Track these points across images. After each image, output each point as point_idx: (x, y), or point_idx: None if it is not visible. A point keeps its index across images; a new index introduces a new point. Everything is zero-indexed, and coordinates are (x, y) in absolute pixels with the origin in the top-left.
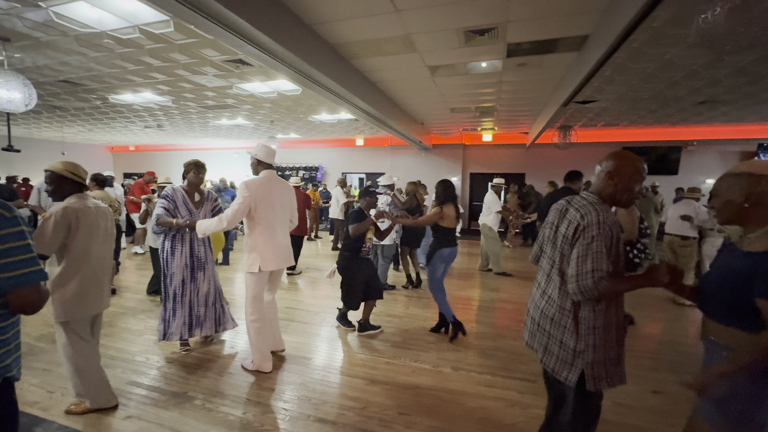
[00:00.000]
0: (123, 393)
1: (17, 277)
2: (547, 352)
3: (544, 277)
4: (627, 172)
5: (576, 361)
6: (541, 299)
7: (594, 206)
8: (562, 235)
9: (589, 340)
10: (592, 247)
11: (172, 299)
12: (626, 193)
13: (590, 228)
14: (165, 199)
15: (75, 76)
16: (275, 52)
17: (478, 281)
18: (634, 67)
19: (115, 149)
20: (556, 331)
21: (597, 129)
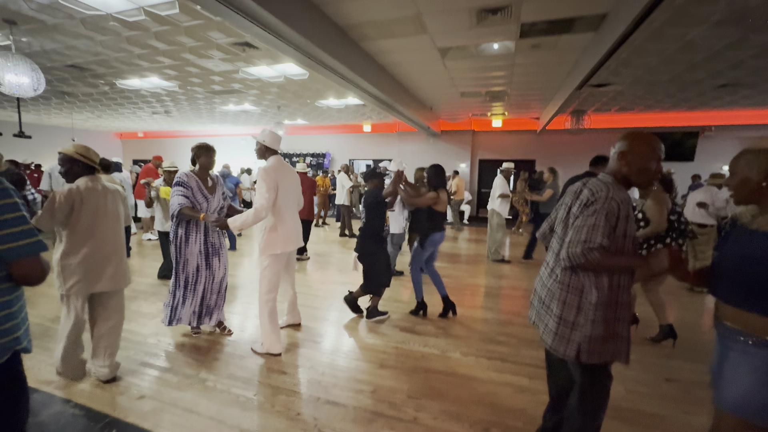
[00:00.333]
0: (136, 374)
1: (17, 248)
2: (547, 329)
3: (553, 257)
4: (641, 151)
5: (573, 335)
6: (549, 278)
7: (607, 185)
8: (573, 215)
9: (589, 314)
10: (591, 219)
11: (183, 287)
12: (642, 173)
13: (597, 202)
14: (182, 186)
15: (82, 60)
16: (282, 33)
17: (485, 268)
18: (652, 48)
19: (124, 136)
20: (557, 308)
21: (611, 114)
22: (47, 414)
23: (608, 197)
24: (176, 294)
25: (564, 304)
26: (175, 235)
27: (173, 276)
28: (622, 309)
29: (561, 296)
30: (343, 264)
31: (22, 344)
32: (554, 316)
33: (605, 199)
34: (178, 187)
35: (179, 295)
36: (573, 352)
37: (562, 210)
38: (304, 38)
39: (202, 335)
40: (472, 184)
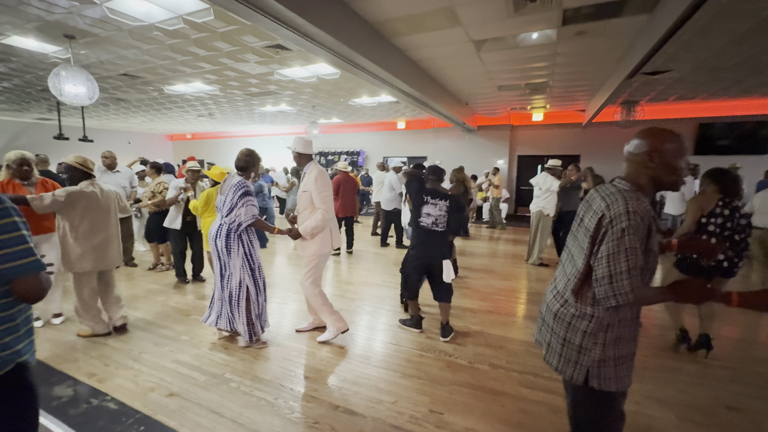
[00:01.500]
0: (168, 371)
1: (17, 267)
2: (551, 349)
3: (561, 272)
4: (668, 149)
5: (581, 359)
6: (550, 294)
7: (623, 194)
8: (585, 227)
9: (599, 337)
10: (624, 242)
11: (263, 290)
12: (672, 173)
13: (618, 220)
14: (251, 195)
15: (133, 69)
16: (311, 34)
17: (523, 271)
18: (720, 28)
19: (174, 137)
20: (559, 327)
21: (667, 103)
22: (86, 406)
23: (630, 211)
24: (259, 300)
25: (569, 325)
26: (241, 242)
27: (252, 284)
28: (633, 327)
29: (566, 317)
30: (373, 264)
31: (23, 357)
32: (557, 336)
33: (628, 213)
34: (248, 197)
35: (262, 300)
36: (581, 376)
37: (575, 222)
38: (334, 38)
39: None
40: (511, 181)
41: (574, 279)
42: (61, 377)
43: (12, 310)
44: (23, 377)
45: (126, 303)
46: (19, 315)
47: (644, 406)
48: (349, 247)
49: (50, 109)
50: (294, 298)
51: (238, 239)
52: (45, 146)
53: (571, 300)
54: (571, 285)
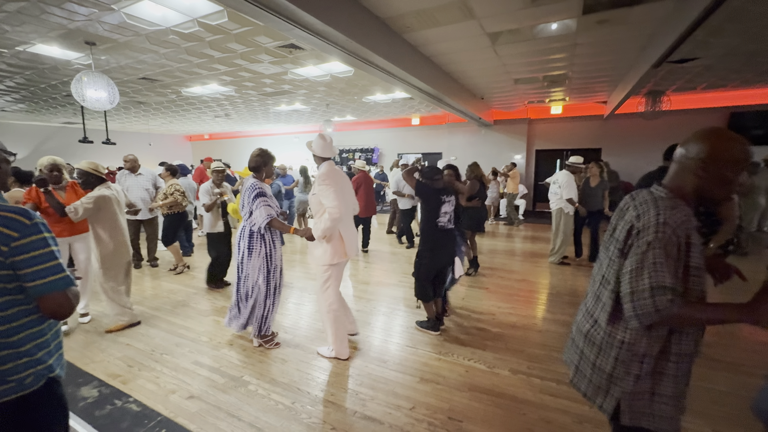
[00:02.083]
0: (188, 372)
1: (43, 284)
2: (579, 372)
3: (590, 289)
4: (728, 158)
5: (611, 388)
6: (580, 312)
7: (656, 203)
8: (615, 239)
9: (632, 367)
10: (648, 256)
11: (273, 294)
12: (723, 187)
13: (645, 232)
14: (265, 196)
15: (151, 72)
16: (323, 32)
17: (543, 270)
18: (755, 10)
19: (193, 138)
20: (589, 351)
21: (696, 93)
22: (110, 408)
23: (659, 222)
24: (267, 303)
25: (600, 349)
26: (263, 243)
27: (264, 285)
28: (680, 363)
29: (597, 340)
30: (389, 264)
31: (54, 372)
32: (587, 360)
33: (657, 225)
34: (262, 198)
35: (270, 303)
36: (611, 407)
37: (608, 232)
38: (346, 36)
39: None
40: (528, 176)
41: (606, 299)
42: (87, 378)
43: (43, 325)
44: (54, 392)
45: (147, 302)
46: (49, 329)
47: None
48: (364, 246)
49: (75, 114)
50: (311, 299)
51: (261, 239)
52: (71, 149)
53: (601, 321)
54: (601, 305)
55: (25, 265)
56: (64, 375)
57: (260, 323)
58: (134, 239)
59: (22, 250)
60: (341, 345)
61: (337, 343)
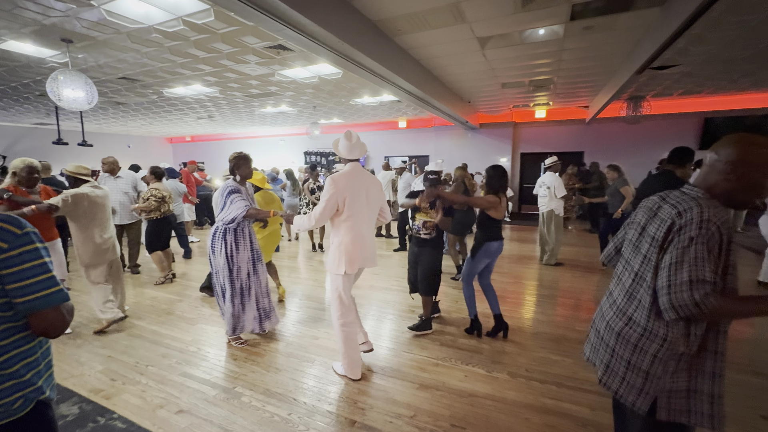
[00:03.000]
0: (176, 385)
1: (35, 300)
2: (609, 371)
3: (617, 287)
4: (758, 163)
5: (647, 387)
6: (610, 310)
7: (698, 201)
8: (650, 236)
9: (670, 365)
10: (690, 251)
11: (240, 294)
12: (751, 192)
13: (688, 227)
14: (238, 192)
15: (132, 72)
16: (314, 33)
17: (535, 272)
18: (733, 21)
19: (174, 140)
20: (622, 349)
21: (673, 98)
22: (93, 426)
23: (703, 219)
24: (234, 302)
25: (635, 347)
26: (225, 243)
27: (228, 285)
28: (716, 361)
29: (632, 338)
30: (380, 267)
31: (45, 394)
32: (620, 359)
33: (701, 222)
34: (234, 194)
35: (237, 302)
36: (646, 405)
37: (632, 230)
38: (337, 37)
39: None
40: (514, 179)
41: (643, 296)
42: (66, 394)
43: (32, 343)
44: (44, 416)
45: (129, 311)
46: (39, 347)
47: None
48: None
49: (48, 114)
50: (301, 305)
51: (222, 239)
52: (44, 151)
53: (638, 319)
54: (636, 302)
55: (14, 279)
56: (55, 396)
57: (231, 323)
58: None
59: (12, 263)
60: (351, 364)
61: (346, 360)
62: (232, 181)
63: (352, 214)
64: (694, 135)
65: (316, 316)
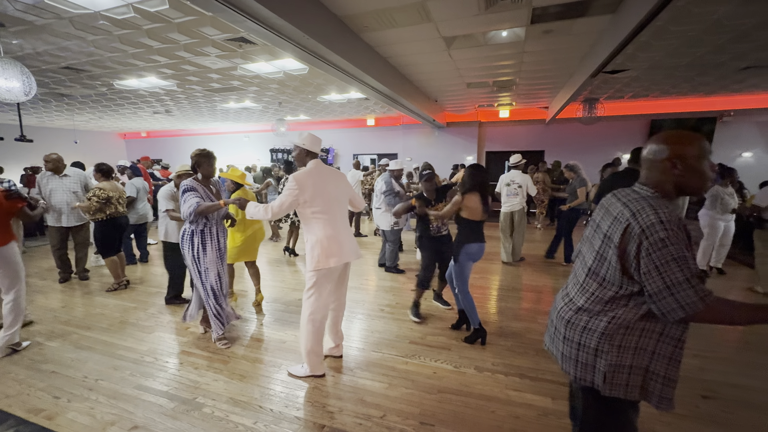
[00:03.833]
0: (130, 399)
1: None
2: (565, 357)
3: (572, 281)
4: (692, 153)
5: (597, 362)
6: (561, 301)
7: (649, 202)
8: (604, 234)
9: (615, 339)
10: (670, 251)
11: (213, 295)
12: (697, 178)
13: (652, 230)
14: (192, 191)
15: (77, 61)
16: (278, 27)
17: (498, 268)
18: (675, 30)
19: (128, 136)
20: (572, 333)
21: (623, 101)
22: None
23: (662, 220)
24: (210, 303)
25: (584, 329)
26: (192, 245)
27: (201, 288)
28: (678, 347)
29: (581, 322)
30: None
31: None
32: (572, 342)
33: (662, 222)
34: (190, 193)
35: (213, 303)
36: (600, 380)
37: (590, 228)
38: (301, 31)
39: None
40: None
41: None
42: (0, 417)
43: None
44: None
45: (77, 321)
46: None
47: None
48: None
49: None
50: (268, 308)
51: (190, 241)
52: None
53: (590, 307)
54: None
55: None
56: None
57: (216, 324)
58: (60, 248)
59: None
60: (316, 359)
61: (311, 356)
62: (190, 179)
63: (323, 210)
64: (642, 136)
65: (283, 319)
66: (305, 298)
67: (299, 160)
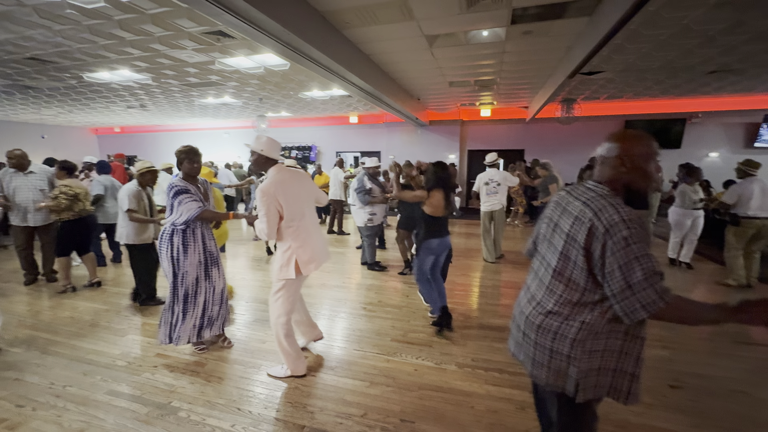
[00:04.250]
0: (101, 405)
1: None
2: (536, 363)
3: (534, 281)
4: (639, 153)
5: (570, 369)
6: (528, 305)
7: (608, 200)
8: (565, 233)
9: (587, 345)
10: (633, 250)
11: (182, 301)
12: (644, 178)
13: (615, 229)
14: (187, 192)
15: (43, 52)
16: (257, 20)
17: (479, 266)
18: (647, 33)
19: (100, 131)
20: (545, 338)
21: (599, 102)
22: None
23: (624, 219)
24: (174, 310)
25: (555, 335)
26: (171, 245)
27: (170, 291)
28: (640, 345)
29: (552, 327)
30: (332, 264)
31: None
32: (543, 348)
33: (625, 221)
34: (186, 195)
35: (178, 310)
36: (573, 387)
37: (544, 225)
38: (281, 26)
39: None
40: (462, 174)
41: (562, 291)
42: None
43: None
44: None
45: (43, 325)
46: None
47: None
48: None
49: None
50: (248, 307)
51: (169, 241)
52: None
53: (560, 310)
54: (557, 296)
55: None
56: None
57: (164, 331)
58: (25, 248)
59: None
60: (296, 360)
61: (290, 358)
62: (178, 179)
63: (294, 218)
64: None
65: (263, 319)
66: (273, 301)
67: (258, 166)
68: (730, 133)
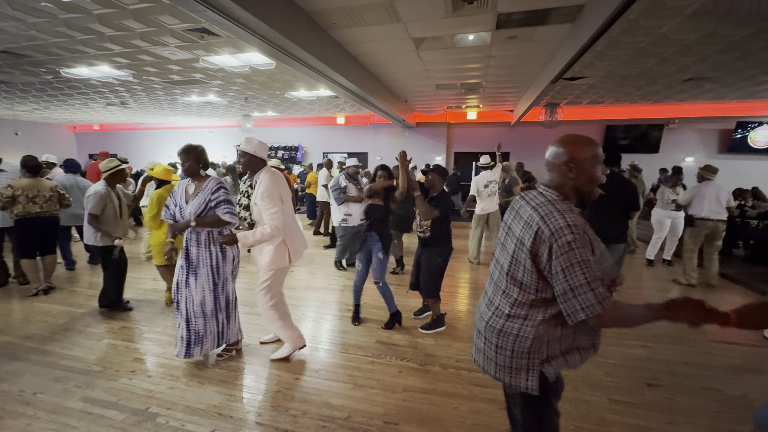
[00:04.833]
0: (74, 413)
1: None
2: (498, 366)
3: (491, 285)
4: (584, 158)
5: (531, 364)
6: (488, 310)
7: (555, 206)
8: (516, 237)
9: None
10: (576, 254)
11: (225, 309)
12: (589, 183)
13: (560, 233)
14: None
15: (15, 45)
16: (241, 18)
17: (465, 267)
18: (627, 41)
19: (78, 128)
20: (506, 341)
21: (582, 107)
22: None
23: (569, 224)
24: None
25: (517, 337)
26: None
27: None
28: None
29: (513, 329)
30: (317, 267)
31: None
32: (505, 351)
33: (570, 227)
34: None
35: (222, 318)
36: (535, 382)
37: (501, 230)
38: (266, 24)
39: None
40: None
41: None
42: None
43: None
44: None
45: (14, 330)
46: None
47: (581, 392)
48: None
49: None
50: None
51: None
52: None
53: (519, 313)
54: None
55: None
56: None
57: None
58: None
59: None
60: (294, 335)
61: (289, 332)
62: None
63: (286, 212)
64: (598, 140)
65: (247, 321)
66: (261, 289)
67: (250, 167)
68: (705, 138)
